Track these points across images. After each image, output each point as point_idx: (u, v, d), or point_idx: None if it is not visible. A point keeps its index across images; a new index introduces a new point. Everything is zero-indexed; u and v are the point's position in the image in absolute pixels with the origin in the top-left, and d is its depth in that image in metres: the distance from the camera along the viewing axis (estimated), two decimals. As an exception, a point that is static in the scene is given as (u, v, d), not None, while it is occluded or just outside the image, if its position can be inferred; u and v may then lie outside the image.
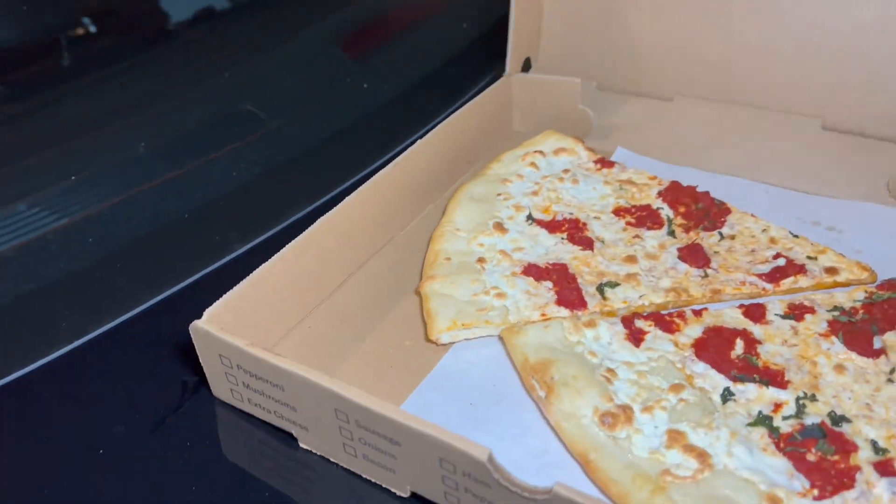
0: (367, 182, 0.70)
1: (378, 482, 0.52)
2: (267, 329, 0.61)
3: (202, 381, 0.59)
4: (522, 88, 0.91)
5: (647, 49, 0.93)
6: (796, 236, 0.70)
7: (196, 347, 0.55)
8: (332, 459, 0.53)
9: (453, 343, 0.62)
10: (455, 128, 0.82)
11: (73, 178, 0.75)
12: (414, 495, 0.51)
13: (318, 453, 0.54)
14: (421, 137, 0.78)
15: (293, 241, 0.62)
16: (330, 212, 0.66)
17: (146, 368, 0.62)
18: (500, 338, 0.61)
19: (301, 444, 0.55)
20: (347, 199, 0.68)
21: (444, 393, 0.57)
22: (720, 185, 0.80)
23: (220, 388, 0.57)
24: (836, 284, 0.65)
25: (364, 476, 0.52)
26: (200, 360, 0.56)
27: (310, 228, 0.64)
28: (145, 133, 0.83)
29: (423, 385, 0.58)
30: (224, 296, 0.56)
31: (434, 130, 0.79)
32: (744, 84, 0.88)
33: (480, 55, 1.11)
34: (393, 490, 0.51)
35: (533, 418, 0.55)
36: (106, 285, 0.68)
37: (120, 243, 0.72)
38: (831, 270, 0.66)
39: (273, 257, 0.60)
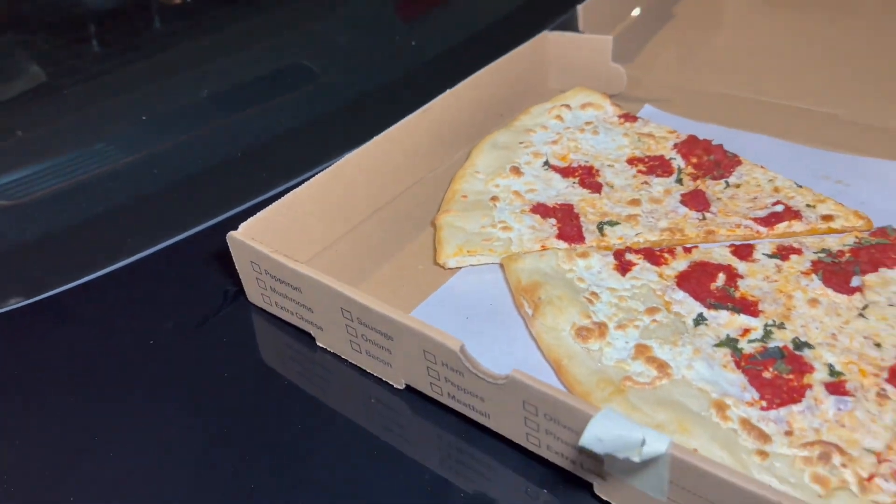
0: (397, 124, 0.77)
1: (379, 376, 0.59)
2: (297, 246, 0.69)
3: (241, 290, 0.67)
4: (557, 46, 0.96)
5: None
6: (800, 186, 0.73)
7: (232, 255, 0.63)
8: (342, 356, 0.61)
9: (460, 268, 0.69)
10: (487, 80, 0.88)
11: (143, 118, 0.85)
12: (408, 388, 0.58)
13: (332, 351, 0.62)
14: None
15: (323, 171, 0.70)
16: (360, 148, 0.73)
17: (195, 279, 0.71)
18: (501, 265, 0.67)
19: (318, 343, 0.63)
20: (377, 137, 0.75)
21: (445, 308, 0.64)
22: (740, 140, 0.83)
23: (254, 293, 0.66)
24: (831, 231, 0.68)
25: (368, 371, 0.60)
26: (236, 267, 0.64)
27: (339, 161, 0.71)
28: (208, 82, 0.93)
29: (427, 301, 0.65)
30: (259, 212, 0.65)
31: (465, 81, 0.85)
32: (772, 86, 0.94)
33: (528, 17, 1.15)
34: (391, 383, 0.59)
35: (520, 333, 0.61)
36: (166, 209, 0.78)
37: (179, 175, 0.82)
38: (827, 217, 0.68)
39: (304, 184, 0.68)
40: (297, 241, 0.69)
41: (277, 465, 0.54)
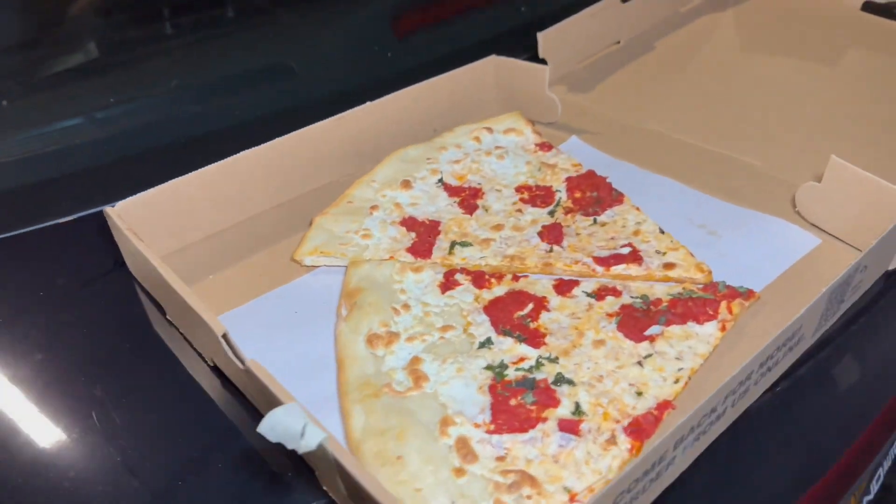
0: (307, 128, 0.83)
1: (197, 349, 0.66)
2: (181, 228, 0.77)
3: (127, 260, 0.77)
4: (501, 70, 0.99)
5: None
6: (663, 232, 0.73)
7: (110, 227, 0.72)
8: (178, 328, 0.69)
9: (317, 266, 0.75)
10: (422, 95, 0.93)
11: (111, 100, 0.96)
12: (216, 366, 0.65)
13: (172, 321, 0.70)
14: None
15: (216, 163, 0.78)
16: (261, 146, 0.80)
17: (101, 246, 0.80)
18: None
19: (167, 316, 0.71)
20: (281, 138, 0.82)
21: (283, 301, 0.70)
22: (645, 180, 0.84)
23: (129, 260, 0.74)
24: (667, 279, 0.68)
25: (192, 343, 0.67)
26: (114, 238, 0.73)
27: (236, 155, 0.79)
28: (182, 73, 1.03)
29: (273, 291, 0.71)
30: (143, 192, 0.73)
31: (393, 94, 0.90)
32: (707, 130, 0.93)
33: (512, 42, 1.18)
34: (205, 358, 0.66)
35: (330, 332, 0.67)
36: (109, 179, 0.88)
37: (137, 151, 0.92)
38: (669, 266, 0.69)
39: (191, 172, 0.76)
40: (180, 224, 0.77)
41: (121, 387, 0.64)
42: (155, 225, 0.75)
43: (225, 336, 0.56)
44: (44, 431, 0.61)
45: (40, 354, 0.68)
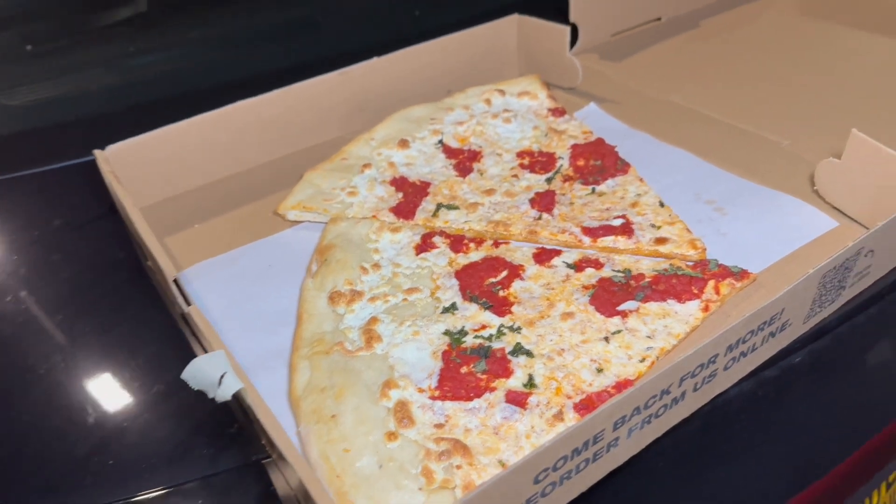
0: (307, 81, 0.82)
1: (162, 297, 0.66)
2: (174, 175, 0.77)
3: (125, 204, 0.77)
4: (523, 30, 0.95)
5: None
6: (662, 205, 0.69)
7: (100, 170, 0.73)
8: (151, 276, 0.69)
9: (300, 222, 0.73)
10: (434, 52, 0.90)
11: (131, 49, 0.97)
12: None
13: (148, 268, 0.70)
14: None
15: (211, 112, 0.77)
16: (257, 97, 0.79)
17: (104, 192, 0.81)
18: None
19: (147, 262, 0.71)
20: (278, 90, 0.80)
21: (261, 253, 0.69)
22: (660, 151, 0.79)
23: (117, 205, 0.75)
24: (657, 254, 0.64)
25: (160, 291, 0.67)
26: (104, 180, 0.74)
27: (230, 105, 0.78)
28: (206, 24, 1.03)
29: (251, 244, 0.70)
30: (135, 137, 0.73)
31: (402, 51, 0.88)
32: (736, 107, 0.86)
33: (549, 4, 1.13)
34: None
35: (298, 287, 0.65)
36: (121, 125, 0.88)
37: (152, 99, 0.92)
38: (661, 240, 0.64)
39: (184, 120, 0.76)
40: (172, 172, 0.77)
41: (94, 327, 0.65)
42: (147, 171, 0.75)
43: (176, 281, 0.56)
44: (10, 367, 0.62)
45: (24, 291, 0.69)
